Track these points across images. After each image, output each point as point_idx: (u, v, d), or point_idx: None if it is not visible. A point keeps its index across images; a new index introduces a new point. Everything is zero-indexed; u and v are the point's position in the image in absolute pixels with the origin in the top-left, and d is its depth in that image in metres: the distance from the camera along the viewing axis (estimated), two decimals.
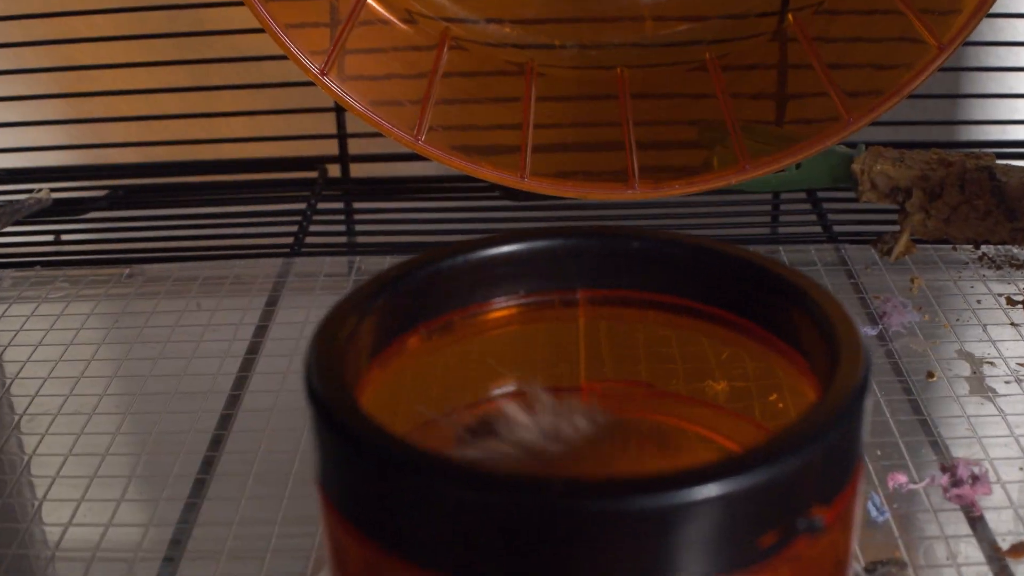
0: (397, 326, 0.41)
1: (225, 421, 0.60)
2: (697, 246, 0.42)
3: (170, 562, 0.51)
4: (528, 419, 0.38)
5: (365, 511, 0.32)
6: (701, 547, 0.30)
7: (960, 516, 0.51)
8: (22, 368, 0.65)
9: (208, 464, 0.57)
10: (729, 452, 0.42)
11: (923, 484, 0.52)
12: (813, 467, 0.32)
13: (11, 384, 0.64)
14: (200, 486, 0.55)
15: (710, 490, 0.30)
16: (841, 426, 0.33)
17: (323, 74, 0.64)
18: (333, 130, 0.83)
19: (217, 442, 0.58)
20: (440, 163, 0.69)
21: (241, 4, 0.65)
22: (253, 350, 0.66)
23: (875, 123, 0.68)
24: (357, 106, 0.65)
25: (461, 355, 0.43)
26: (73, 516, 0.54)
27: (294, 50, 0.64)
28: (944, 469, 0.53)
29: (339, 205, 0.83)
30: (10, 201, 0.82)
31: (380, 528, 0.32)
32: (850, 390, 0.34)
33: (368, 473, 0.32)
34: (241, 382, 0.63)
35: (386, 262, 0.73)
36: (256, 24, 0.65)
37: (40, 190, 0.83)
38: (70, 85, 0.85)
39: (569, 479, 0.30)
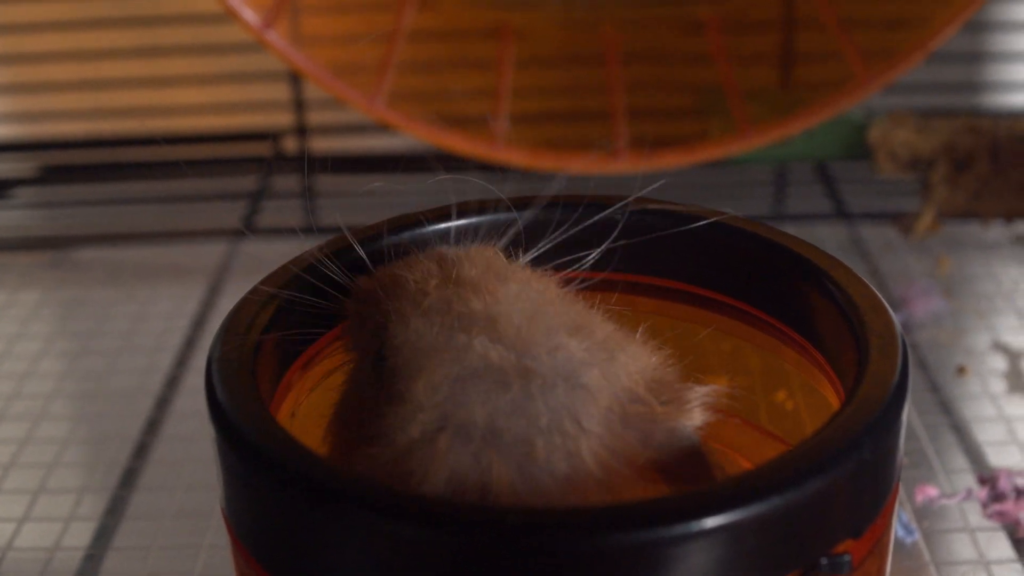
0: (328, 317, 0.35)
1: (152, 426, 0.53)
2: (692, 217, 0.37)
3: None
4: None
5: (282, 553, 0.27)
6: None
7: (1002, 537, 0.45)
8: None
9: (130, 477, 0.50)
10: (735, 470, 0.35)
11: (958, 499, 0.46)
12: (841, 491, 0.26)
13: None
14: (119, 504, 0.48)
15: (708, 522, 0.24)
16: (876, 438, 0.27)
17: (266, 27, 0.56)
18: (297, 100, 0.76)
19: (142, 451, 0.51)
20: (405, 133, 0.61)
21: None
22: (191, 343, 0.58)
23: (889, 91, 0.62)
24: (306, 65, 0.58)
25: None
26: None
27: (231, 2, 0.56)
28: (982, 481, 0.47)
29: (295, 182, 0.75)
30: None
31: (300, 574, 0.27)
32: (886, 391, 0.27)
33: (284, 504, 0.26)
34: (173, 381, 0.56)
35: None
36: None
37: None
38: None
39: (532, 511, 0.25)
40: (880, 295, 0.31)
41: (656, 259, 0.36)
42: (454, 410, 0.28)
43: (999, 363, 0.55)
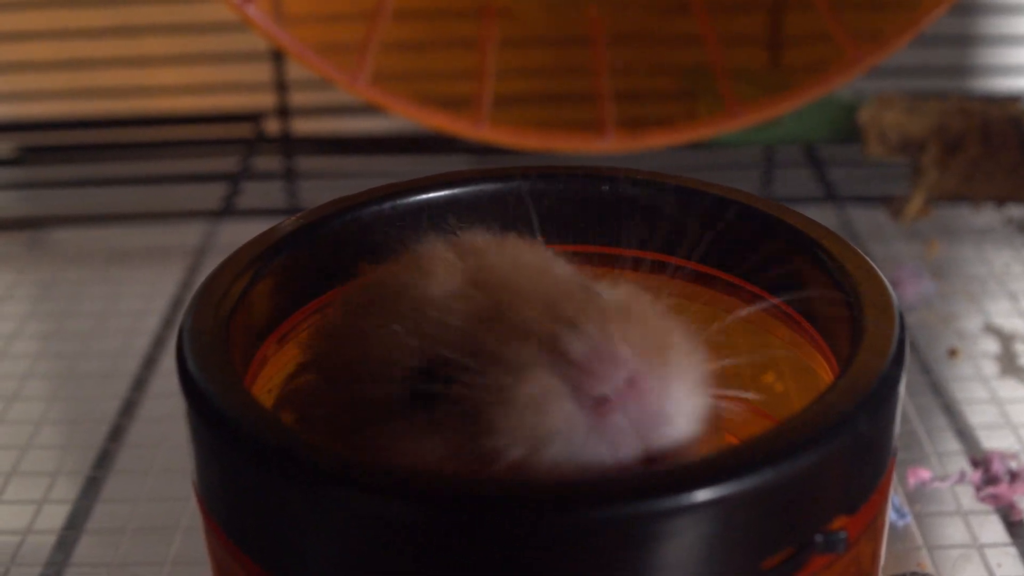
0: (304, 291, 0.34)
1: (128, 408, 0.52)
2: (677, 187, 0.36)
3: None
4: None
5: (255, 529, 0.26)
6: (684, 572, 0.24)
7: (996, 520, 0.44)
8: None
9: (105, 459, 0.49)
10: (724, 444, 0.34)
11: (950, 482, 0.45)
12: (836, 466, 0.25)
13: None
14: (93, 487, 0.47)
15: (698, 496, 0.23)
16: (873, 409, 0.26)
17: (246, 1, 0.55)
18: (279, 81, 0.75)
19: (117, 433, 0.50)
20: (388, 111, 0.60)
21: None
22: (169, 325, 0.57)
23: (879, 74, 0.62)
24: (287, 41, 0.57)
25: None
26: None
27: None
28: (975, 463, 0.46)
29: (277, 164, 0.74)
30: None
31: (275, 554, 0.26)
32: (883, 362, 0.26)
33: (257, 478, 0.25)
34: (150, 362, 0.55)
35: None
36: None
37: None
38: None
39: (514, 484, 0.24)
40: (874, 264, 0.30)
41: (642, 231, 0.35)
42: None
43: (991, 346, 0.55)
